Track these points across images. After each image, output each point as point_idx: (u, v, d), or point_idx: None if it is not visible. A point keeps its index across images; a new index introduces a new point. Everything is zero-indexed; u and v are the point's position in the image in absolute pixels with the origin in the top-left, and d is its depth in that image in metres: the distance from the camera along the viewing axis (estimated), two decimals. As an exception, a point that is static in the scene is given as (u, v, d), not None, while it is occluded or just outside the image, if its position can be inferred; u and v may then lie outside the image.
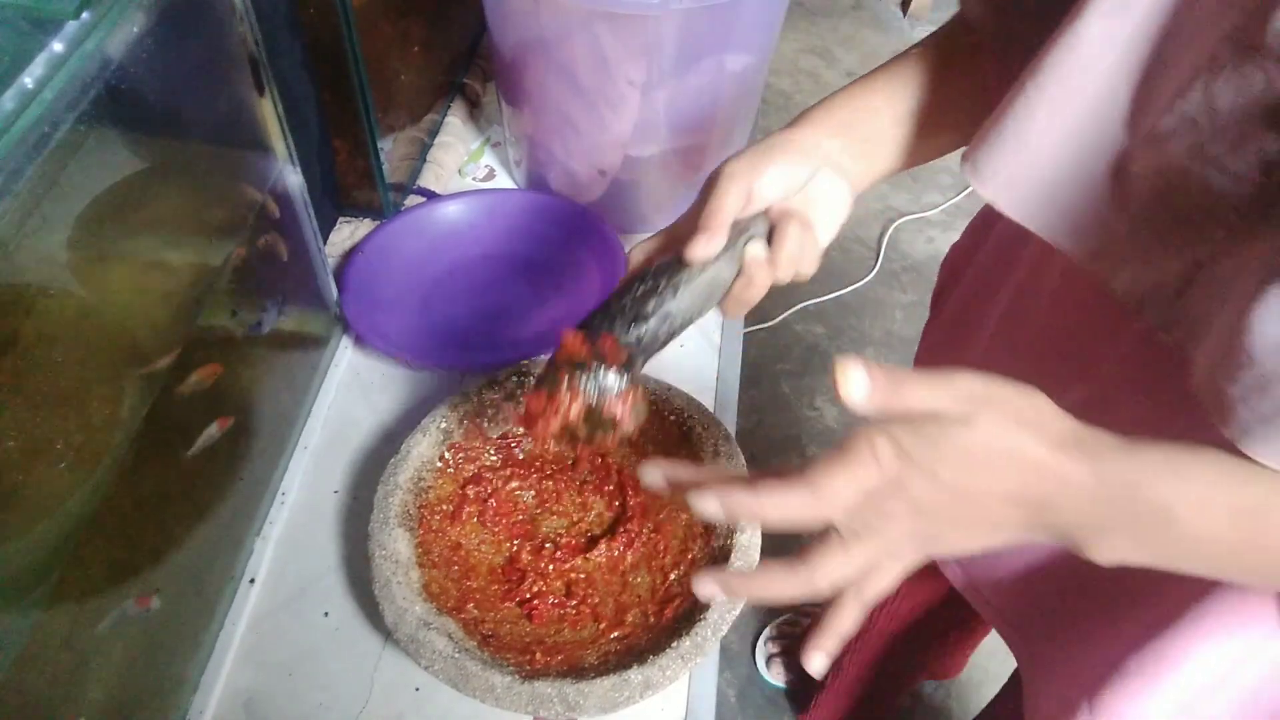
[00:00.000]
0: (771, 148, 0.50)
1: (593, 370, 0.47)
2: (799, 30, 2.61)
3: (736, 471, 0.64)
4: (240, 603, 0.65)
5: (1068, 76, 0.40)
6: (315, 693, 0.62)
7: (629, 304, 0.48)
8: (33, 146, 0.38)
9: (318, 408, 0.77)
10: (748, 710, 1.37)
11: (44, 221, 0.42)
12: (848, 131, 0.52)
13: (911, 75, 0.53)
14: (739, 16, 0.74)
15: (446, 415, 0.67)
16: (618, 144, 0.83)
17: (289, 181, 0.67)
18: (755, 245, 0.50)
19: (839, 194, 0.52)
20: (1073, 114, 0.41)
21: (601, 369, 0.47)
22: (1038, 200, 0.44)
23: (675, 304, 0.48)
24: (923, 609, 0.93)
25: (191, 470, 0.59)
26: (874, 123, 0.53)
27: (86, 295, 0.48)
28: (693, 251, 0.47)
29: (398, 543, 0.60)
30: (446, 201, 0.90)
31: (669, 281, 0.48)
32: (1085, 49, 0.39)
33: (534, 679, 0.54)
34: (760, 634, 1.42)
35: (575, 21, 0.73)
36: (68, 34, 0.41)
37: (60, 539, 0.46)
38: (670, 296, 0.48)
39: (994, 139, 0.44)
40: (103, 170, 0.48)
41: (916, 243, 2.04)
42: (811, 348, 1.84)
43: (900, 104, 0.53)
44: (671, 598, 0.62)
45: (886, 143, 0.54)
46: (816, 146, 0.51)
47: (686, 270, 0.48)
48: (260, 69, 0.59)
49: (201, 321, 0.59)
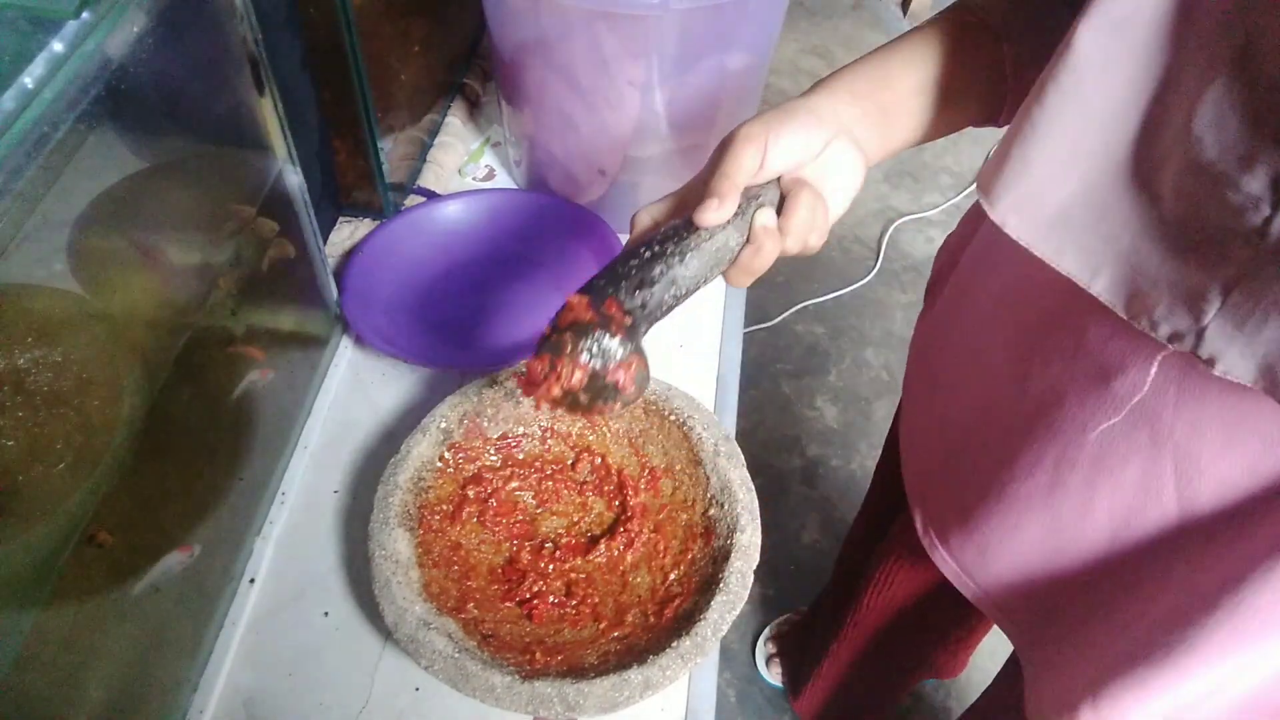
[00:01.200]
0: (788, 113, 0.49)
1: (596, 335, 0.45)
2: (799, 30, 2.61)
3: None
4: (240, 603, 0.65)
5: (1070, 99, 0.40)
6: (315, 693, 0.62)
7: (635, 268, 0.46)
8: (33, 146, 0.38)
9: (318, 408, 0.77)
10: (748, 710, 1.37)
11: (44, 221, 0.42)
12: (865, 100, 0.51)
13: (930, 47, 0.53)
14: (739, 16, 0.74)
15: (446, 415, 0.67)
16: (618, 144, 0.83)
17: (289, 181, 0.67)
18: (765, 213, 0.48)
19: (853, 165, 0.50)
20: (1079, 136, 0.41)
21: (606, 335, 0.46)
22: (1048, 224, 0.44)
23: (682, 270, 0.46)
24: (919, 596, 0.93)
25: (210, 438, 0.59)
26: (892, 92, 0.52)
27: (86, 295, 0.48)
28: (702, 217, 0.46)
29: (398, 543, 0.60)
30: (446, 201, 0.90)
31: (676, 247, 0.46)
32: (1086, 71, 0.39)
33: (534, 679, 0.54)
34: (760, 634, 1.42)
35: (575, 21, 0.73)
36: (68, 34, 0.41)
37: (60, 539, 0.46)
38: (678, 262, 0.46)
39: (1002, 162, 0.44)
40: (103, 170, 0.48)
41: (916, 243, 2.04)
42: (811, 348, 1.84)
43: (918, 74, 0.52)
44: (671, 598, 0.62)
45: (904, 114, 0.53)
46: (834, 114, 0.50)
47: (695, 235, 0.46)
48: (260, 69, 0.59)
49: (201, 321, 0.59)
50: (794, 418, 1.73)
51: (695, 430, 0.67)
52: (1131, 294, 0.42)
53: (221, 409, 0.64)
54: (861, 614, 1.00)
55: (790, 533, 1.56)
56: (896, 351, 1.84)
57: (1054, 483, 0.53)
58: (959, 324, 0.66)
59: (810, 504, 1.60)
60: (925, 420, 0.72)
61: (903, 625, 0.98)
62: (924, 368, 0.75)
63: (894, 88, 0.52)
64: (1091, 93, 0.40)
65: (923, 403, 0.73)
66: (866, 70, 0.53)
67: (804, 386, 1.78)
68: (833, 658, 1.12)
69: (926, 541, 0.68)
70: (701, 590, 0.60)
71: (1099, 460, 0.50)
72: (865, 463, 1.66)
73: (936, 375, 0.70)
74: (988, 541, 0.61)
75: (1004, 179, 0.44)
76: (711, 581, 0.60)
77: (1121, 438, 0.48)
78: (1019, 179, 0.43)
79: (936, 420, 0.69)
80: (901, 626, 0.99)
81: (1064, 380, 0.50)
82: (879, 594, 0.94)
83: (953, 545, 0.65)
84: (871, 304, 1.92)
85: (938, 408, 0.69)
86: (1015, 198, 0.44)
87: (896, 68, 0.53)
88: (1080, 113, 0.40)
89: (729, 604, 0.58)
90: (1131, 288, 0.42)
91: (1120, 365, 0.46)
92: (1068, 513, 0.54)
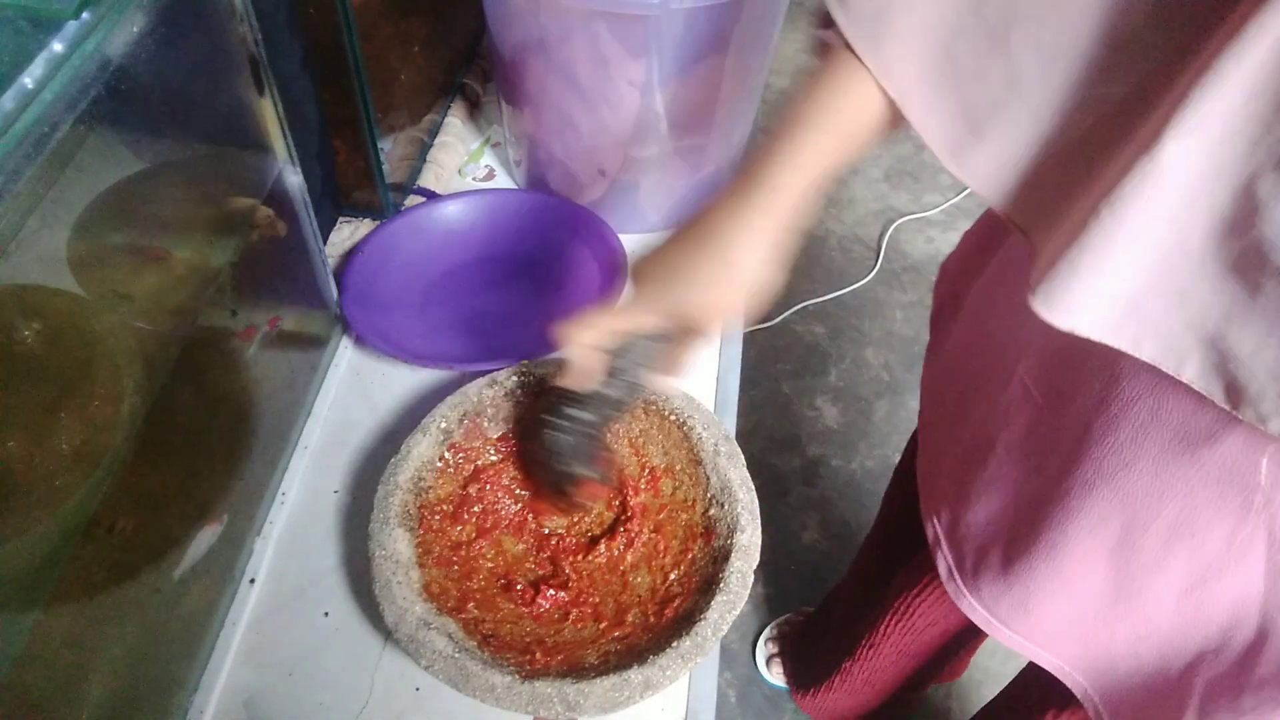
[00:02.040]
0: (684, 294, 0.52)
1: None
2: (799, 30, 2.61)
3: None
4: (240, 603, 0.65)
5: (1152, 203, 0.38)
6: (315, 693, 0.62)
7: (580, 443, 0.60)
8: (33, 146, 0.38)
9: (318, 408, 0.77)
10: (748, 710, 1.37)
11: (44, 221, 0.42)
12: (783, 232, 0.51)
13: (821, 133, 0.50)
14: (739, 16, 0.74)
15: (447, 415, 0.67)
16: (618, 144, 0.83)
17: (289, 181, 0.67)
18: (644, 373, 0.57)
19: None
20: (1158, 233, 0.39)
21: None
22: (1121, 316, 0.42)
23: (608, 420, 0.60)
24: (941, 629, 0.90)
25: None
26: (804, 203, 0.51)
27: (86, 295, 0.48)
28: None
29: (398, 543, 0.60)
30: (446, 201, 0.90)
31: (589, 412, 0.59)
32: (1170, 176, 0.37)
33: (534, 679, 0.54)
34: (760, 634, 1.42)
35: (575, 21, 0.73)
36: (68, 34, 0.41)
37: (60, 539, 0.46)
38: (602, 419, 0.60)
39: (1069, 271, 0.41)
40: (103, 170, 0.48)
41: (916, 243, 2.04)
42: (811, 348, 1.84)
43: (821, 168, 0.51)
44: (671, 598, 0.62)
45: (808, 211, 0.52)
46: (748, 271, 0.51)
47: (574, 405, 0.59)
48: (260, 69, 0.59)
49: (201, 321, 0.59)
50: (794, 418, 1.73)
51: (695, 430, 0.67)
52: (1229, 383, 0.40)
53: (221, 409, 0.64)
54: (878, 638, 0.97)
55: (790, 533, 1.56)
56: (897, 351, 1.84)
57: (1121, 542, 0.52)
58: (987, 370, 0.62)
59: (810, 504, 1.60)
60: (951, 465, 0.67)
61: (921, 651, 0.96)
62: (943, 411, 0.71)
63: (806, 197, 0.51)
64: (1173, 193, 0.38)
65: (947, 446, 0.69)
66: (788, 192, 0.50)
67: (804, 386, 1.78)
68: (845, 674, 1.11)
69: (951, 588, 0.66)
70: (702, 590, 0.60)
71: (1178, 526, 0.48)
72: (865, 463, 1.66)
73: (960, 421, 0.67)
74: (1031, 594, 0.59)
75: (1066, 283, 0.41)
76: (712, 581, 0.60)
77: (1209, 505, 0.47)
78: (1086, 280, 0.41)
79: (963, 466, 0.65)
80: (919, 652, 0.97)
81: (1136, 445, 0.48)
82: (897, 622, 0.91)
83: (985, 594, 0.63)
84: (871, 304, 1.92)
85: (964, 453, 0.65)
86: (1079, 298, 0.41)
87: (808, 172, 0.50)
88: (1161, 214, 0.38)
89: (729, 604, 0.58)
90: (1226, 376, 0.40)
91: (1211, 435, 0.44)
92: (1135, 571, 0.52)
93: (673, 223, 0.93)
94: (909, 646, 0.96)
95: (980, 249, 0.69)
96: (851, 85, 0.48)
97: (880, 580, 0.96)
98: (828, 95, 0.49)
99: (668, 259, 0.53)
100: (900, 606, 0.89)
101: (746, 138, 0.95)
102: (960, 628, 0.90)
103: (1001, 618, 0.63)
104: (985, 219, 0.71)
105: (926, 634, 0.92)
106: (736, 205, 0.51)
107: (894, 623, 0.92)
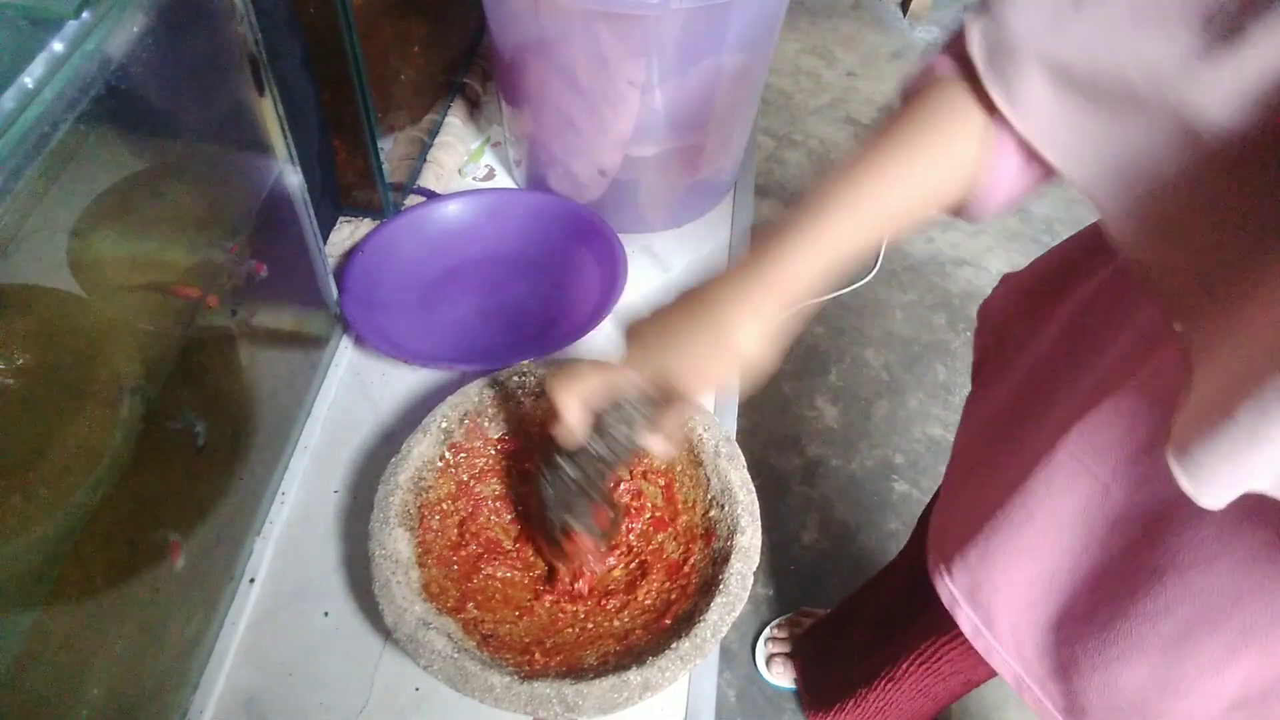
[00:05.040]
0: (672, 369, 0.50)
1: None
2: (799, 30, 2.61)
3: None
4: (240, 603, 0.65)
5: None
6: (315, 693, 0.62)
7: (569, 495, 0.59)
8: (33, 146, 0.38)
9: (318, 408, 0.77)
10: (748, 710, 1.37)
11: (44, 221, 0.42)
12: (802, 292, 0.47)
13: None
14: (739, 16, 0.74)
15: (447, 415, 0.67)
16: (618, 144, 0.83)
17: (289, 181, 0.67)
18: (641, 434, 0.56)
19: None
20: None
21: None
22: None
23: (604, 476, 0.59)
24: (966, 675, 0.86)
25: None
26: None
27: (86, 295, 0.48)
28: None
29: (398, 542, 0.60)
30: (446, 201, 0.90)
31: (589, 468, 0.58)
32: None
33: (533, 679, 0.54)
34: (760, 634, 1.42)
35: (575, 21, 0.73)
36: (68, 34, 0.41)
37: (60, 539, 0.46)
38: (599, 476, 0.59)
39: (1225, 440, 0.35)
40: (103, 170, 0.48)
41: (916, 243, 2.04)
42: (811, 348, 1.84)
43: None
44: (672, 600, 0.62)
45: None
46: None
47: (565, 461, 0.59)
48: (260, 69, 0.59)
49: (201, 321, 0.59)
50: (794, 418, 1.73)
51: (695, 431, 0.67)
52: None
53: (221, 409, 0.64)
54: (899, 675, 0.94)
55: (790, 533, 1.55)
56: (896, 351, 1.84)
57: (1182, 637, 0.49)
58: (1046, 430, 0.56)
59: (810, 504, 1.60)
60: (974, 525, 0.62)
61: (942, 695, 0.94)
62: (973, 466, 0.67)
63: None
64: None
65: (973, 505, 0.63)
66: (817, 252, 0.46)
67: (804, 386, 1.78)
68: (860, 701, 1.09)
69: (980, 644, 0.63)
70: (701, 592, 0.60)
71: (1251, 632, 0.45)
72: (865, 463, 1.66)
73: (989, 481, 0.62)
74: (1075, 664, 0.56)
75: (1227, 460, 0.35)
76: (711, 583, 0.60)
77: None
78: (1249, 454, 0.35)
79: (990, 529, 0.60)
80: (940, 695, 0.94)
81: (1223, 541, 0.45)
82: (922, 664, 0.88)
83: (1015, 653, 0.61)
84: (871, 304, 1.92)
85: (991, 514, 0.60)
86: (1246, 480, 0.36)
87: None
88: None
89: (729, 606, 0.57)
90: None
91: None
92: (1189, 670, 0.49)
93: (673, 222, 0.94)
94: (930, 688, 0.92)
95: (1033, 300, 0.64)
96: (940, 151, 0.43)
97: (906, 615, 0.91)
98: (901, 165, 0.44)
99: (664, 322, 0.51)
100: (927, 650, 0.85)
101: (746, 138, 0.95)
102: (989, 678, 0.85)
103: (1037, 678, 0.60)
104: (1038, 265, 0.67)
105: (951, 681, 0.88)
106: (744, 278, 0.47)
107: (918, 664, 0.88)
